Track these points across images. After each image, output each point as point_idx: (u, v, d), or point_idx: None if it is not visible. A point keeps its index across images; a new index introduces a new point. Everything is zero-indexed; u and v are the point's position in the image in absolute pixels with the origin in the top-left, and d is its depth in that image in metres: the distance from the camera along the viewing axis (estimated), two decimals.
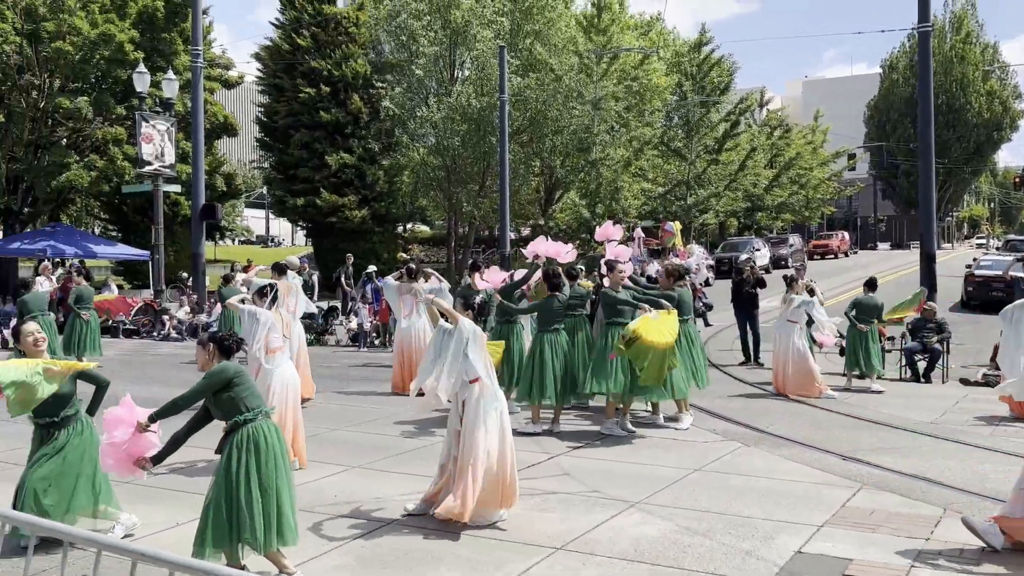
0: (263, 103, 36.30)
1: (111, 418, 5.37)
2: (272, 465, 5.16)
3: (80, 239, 25.68)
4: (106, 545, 2.92)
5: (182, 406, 5.30)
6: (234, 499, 5.06)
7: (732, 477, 7.64)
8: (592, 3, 40.95)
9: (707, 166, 43.68)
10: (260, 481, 5.09)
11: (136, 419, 5.35)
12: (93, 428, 5.98)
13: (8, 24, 22.74)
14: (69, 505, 5.82)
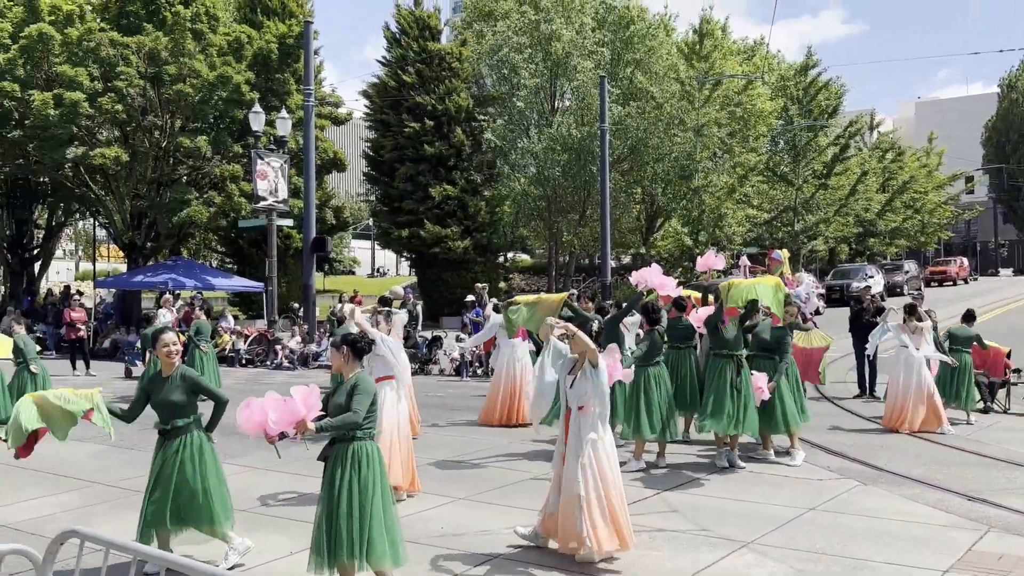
0: (370, 138, 37.35)
1: (291, 401, 5.27)
2: (370, 486, 5.27)
3: (199, 272, 26.85)
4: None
5: (356, 422, 5.32)
6: (334, 516, 5.21)
7: (848, 517, 7.35)
8: (694, 30, 40.69)
9: (815, 191, 42.57)
10: (360, 501, 5.22)
11: (301, 415, 5.22)
12: (208, 444, 6.11)
13: (133, 68, 24.13)
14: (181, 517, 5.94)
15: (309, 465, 9.44)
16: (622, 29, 35.02)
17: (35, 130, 23.51)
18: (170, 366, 6.16)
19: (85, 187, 26.17)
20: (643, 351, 9.53)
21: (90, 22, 24.52)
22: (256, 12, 32.42)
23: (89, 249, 48.90)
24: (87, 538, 3.40)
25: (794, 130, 42.15)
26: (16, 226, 32.38)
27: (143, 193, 25.87)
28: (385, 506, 5.36)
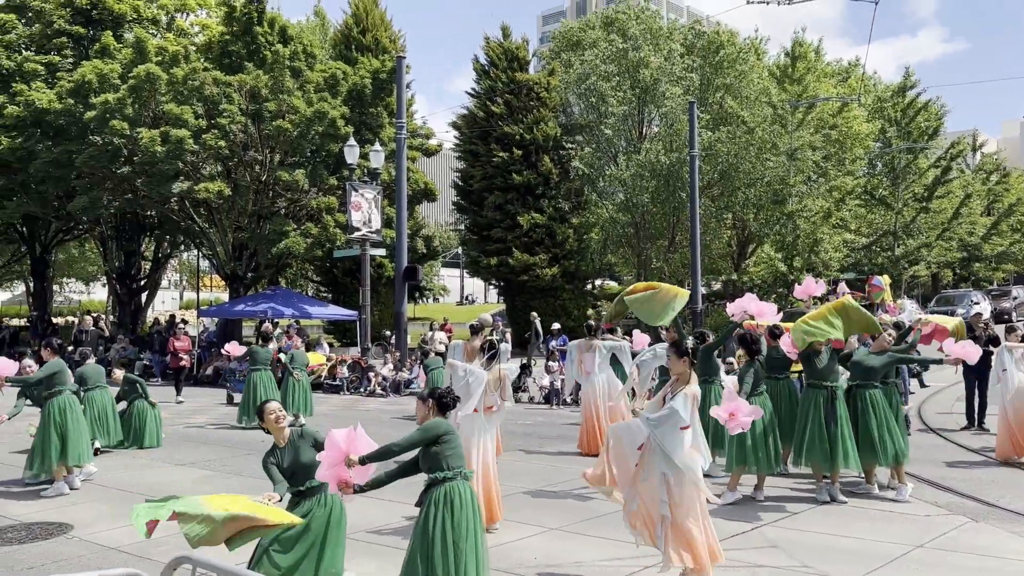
0: (459, 168, 37.92)
1: (332, 438, 5.51)
2: (464, 526, 5.30)
3: (296, 301, 27.61)
4: None
5: (395, 453, 5.50)
6: (429, 556, 5.25)
7: (959, 556, 7.03)
8: (785, 53, 40.09)
9: (916, 215, 41.24)
10: (453, 540, 5.25)
11: (349, 451, 5.47)
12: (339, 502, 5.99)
13: (235, 105, 25.14)
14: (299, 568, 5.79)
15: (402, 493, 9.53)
16: (712, 54, 34.77)
17: (143, 166, 24.65)
18: (281, 431, 6.08)
19: (190, 220, 27.27)
20: (750, 382, 9.32)
21: (194, 62, 25.68)
22: (351, 49, 33.46)
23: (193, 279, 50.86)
24: (199, 564, 3.52)
25: (892, 152, 40.97)
26: (125, 258, 33.93)
27: (244, 225, 26.80)
28: (479, 545, 5.39)
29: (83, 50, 29.12)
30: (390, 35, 36.06)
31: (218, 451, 12.67)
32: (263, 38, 26.16)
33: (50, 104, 25.43)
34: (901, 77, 43.84)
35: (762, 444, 9.06)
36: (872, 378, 9.33)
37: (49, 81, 27.38)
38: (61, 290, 60.66)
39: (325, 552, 5.85)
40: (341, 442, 5.46)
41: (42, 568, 7.00)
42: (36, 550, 7.50)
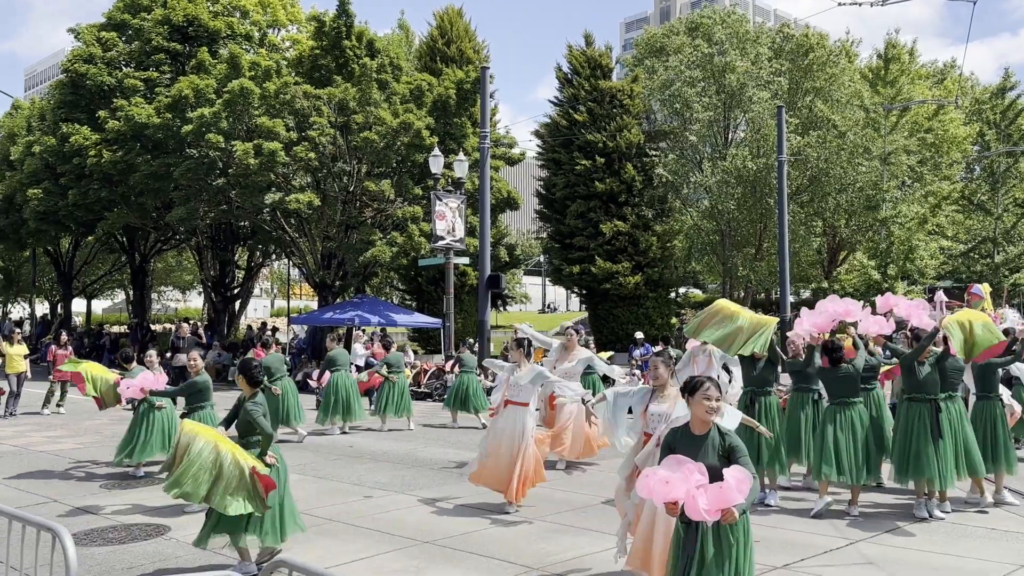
0: (542, 177, 37.97)
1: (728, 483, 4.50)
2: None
3: (382, 308, 28.06)
4: None
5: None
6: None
7: None
8: (878, 55, 38.98)
9: (1017, 220, 39.52)
10: None
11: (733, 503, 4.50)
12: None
13: (324, 118, 25.72)
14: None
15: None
16: (800, 57, 34.04)
17: (237, 178, 25.41)
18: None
19: (281, 230, 28.00)
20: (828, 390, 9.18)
21: (285, 76, 26.38)
22: (435, 60, 33.92)
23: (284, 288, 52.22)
24: (295, 568, 3.60)
25: (991, 156, 39.38)
26: (220, 267, 35.03)
27: (332, 235, 27.38)
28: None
29: (180, 66, 30.22)
30: (474, 45, 36.43)
31: (307, 456, 12.94)
32: (351, 52, 26.71)
33: (149, 119, 26.43)
34: (1000, 78, 42.07)
35: (847, 456, 8.78)
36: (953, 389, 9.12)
37: (148, 96, 28.49)
38: (159, 298, 62.96)
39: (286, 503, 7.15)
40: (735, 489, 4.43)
41: (141, 568, 7.25)
42: (137, 550, 7.78)
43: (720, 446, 4.85)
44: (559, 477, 11.14)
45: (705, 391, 4.96)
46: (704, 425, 4.95)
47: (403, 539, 7.98)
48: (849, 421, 8.90)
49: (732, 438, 4.90)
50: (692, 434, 4.98)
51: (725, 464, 4.73)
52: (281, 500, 7.07)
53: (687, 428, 5.04)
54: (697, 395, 4.97)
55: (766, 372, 9.67)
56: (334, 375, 15.30)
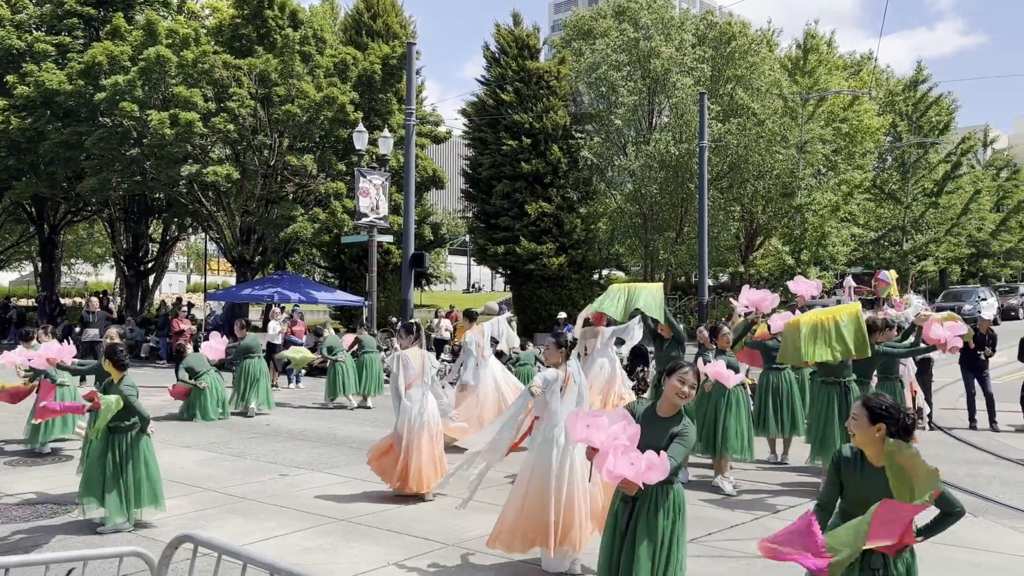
0: (468, 156, 37.88)
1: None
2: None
3: (303, 285, 27.67)
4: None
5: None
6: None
7: (956, 550, 7.05)
8: (797, 45, 39.91)
9: (925, 210, 41.13)
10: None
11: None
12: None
13: (244, 89, 25.14)
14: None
15: None
16: (723, 45, 34.64)
17: (152, 148, 24.70)
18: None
19: (198, 203, 27.33)
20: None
21: (204, 45, 25.68)
22: (361, 34, 33.39)
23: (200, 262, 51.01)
24: (200, 543, 3.56)
25: (903, 147, 40.82)
26: (133, 240, 34.04)
27: (252, 209, 26.85)
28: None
29: (94, 31, 29.14)
30: (401, 20, 35.99)
31: (221, 434, 12.75)
32: (273, 22, 26.13)
33: (60, 85, 25.46)
34: (914, 71, 43.62)
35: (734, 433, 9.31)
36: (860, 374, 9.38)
37: (59, 62, 27.41)
38: (69, 271, 60.88)
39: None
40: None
41: (47, 546, 7.07)
42: (42, 528, 7.58)
43: (676, 432, 4.88)
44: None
45: (682, 374, 4.92)
46: (672, 408, 4.96)
47: (318, 517, 7.95)
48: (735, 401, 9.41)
49: (689, 428, 4.93)
50: (657, 415, 4.97)
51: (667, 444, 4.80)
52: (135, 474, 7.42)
53: (654, 408, 5.01)
54: (673, 377, 4.95)
55: (672, 350, 9.86)
56: (246, 362, 15.02)
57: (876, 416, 4.09)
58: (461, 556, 6.81)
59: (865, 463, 4.17)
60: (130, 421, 7.43)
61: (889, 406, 4.13)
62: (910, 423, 4.15)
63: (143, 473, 7.48)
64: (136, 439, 7.49)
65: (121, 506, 7.34)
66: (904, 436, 4.09)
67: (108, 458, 7.38)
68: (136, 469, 7.44)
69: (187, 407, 13.98)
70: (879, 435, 4.09)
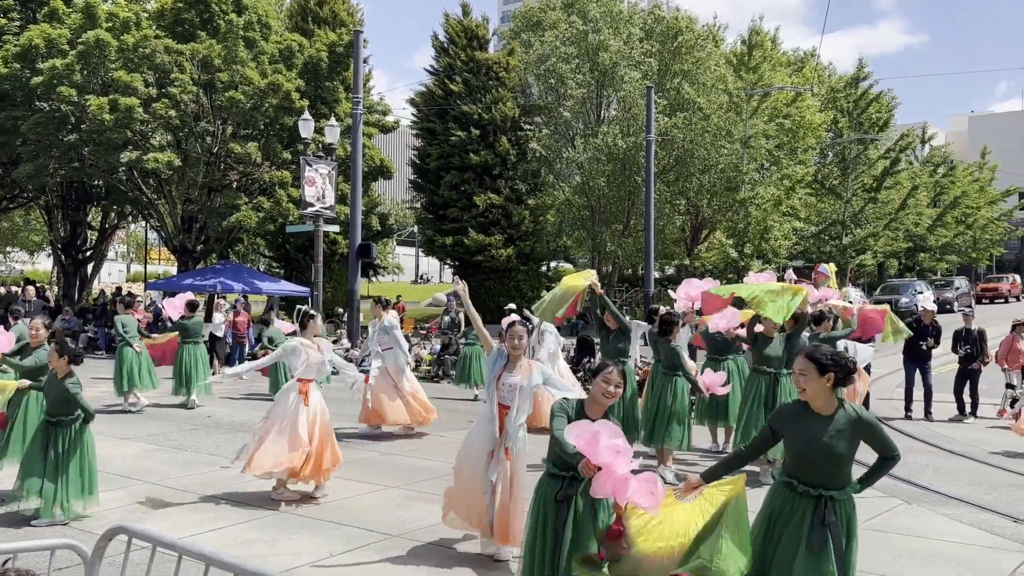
0: (416, 146, 37.68)
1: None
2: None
3: (247, 275, 27.28)
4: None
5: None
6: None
7: (892, 537, 7.24)
8: (742, 41, 40.42)
9: (864, 205, 42.02)
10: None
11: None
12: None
13: (187, 75, 24.66)
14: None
15: (351, 470, 9.55)
16: (670, 40, 34.92)
17: (91, 134, 24.10)
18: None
19: (138, 191, 26.76)
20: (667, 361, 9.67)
21: (145, 29, 25.12)
22: (307, 21, 32.96)
23: (141, 251, 49.98)
24: (134, 535, 3.49)
25: (843, 143, 41.64)
26: (71, 228, 33.18)
27: (194, 197, 26.38)
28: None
29: (30, 13, 28.30)
30: (348, 8, 35.62)
31: (161, 425, 12.52)
32: (217, 6, 25.66)
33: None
34: (855, 68, 44.51)
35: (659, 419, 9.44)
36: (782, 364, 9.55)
37: None
38: (5, 259, 59.22)
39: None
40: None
41: None
42: None
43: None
44: (421, 446, 11.19)
45: (607, 374, 4.91)
46: (600, 409, 4.96)
47: (259, 509, 7.85)
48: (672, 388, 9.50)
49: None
50: (588, 416, 4.90)
51: None
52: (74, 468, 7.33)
53: (583, 408, 4.96)
54: (599, 378, 4.92)
55: (617, 341, 9.92)
56: (186, 348, 14.64)
57: (824, 367, 4.25)
58: (404, 547, 6.78)
59: (811, 414, 4.31)
60: (72, 415, 7.33)
61: (832, 354, 4.31)
62: (852, 367, 4.35)
63: (82, 467, 7.37)
64: (79, 432, 7.40)
65: (57, 499, 7.22)
66: (847, 381, 4.30)
67: (50, 452, 7.27)
68: (76, 463, 7.33)
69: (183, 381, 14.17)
70: (828, 384, 4.25)
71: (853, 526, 4.34)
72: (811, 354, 4.33)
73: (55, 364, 7.37)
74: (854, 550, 4.33)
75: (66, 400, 7.26)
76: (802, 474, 4.29)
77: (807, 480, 4.27)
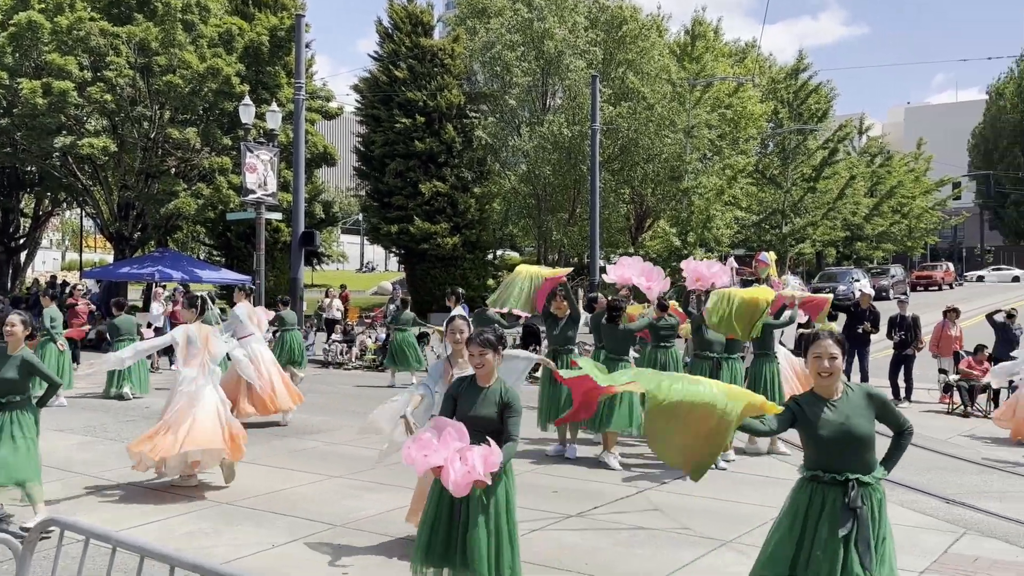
0: (361, 133, 37.29)
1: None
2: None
3: (186, 264, 26.77)
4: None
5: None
6: None
7: None
8: (686, 31, 40.80)
9: (804, 194, 42.80)
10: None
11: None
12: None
13: (123, 58, 24.04)
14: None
15: (296, 460, 9.49)
16: (614, 29, 35.08)
17: (23, 118, 23.39)
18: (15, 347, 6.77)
19: (73, 177, 26.06)
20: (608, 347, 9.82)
21: (80, 11, 24.40)
22: (247, 4, 32.32)
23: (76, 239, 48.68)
24: (67, 527, 3.41)
25: (783, 133, 42.34)
26: (3, 215, 32.22)
27: (131, 184, 25.79)
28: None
29: None
30: None
31: (99, 417, 12.25)
32: None
33: None
34: (795, 59, 45.25)
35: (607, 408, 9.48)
36: (735, 350, 9.81)
37: None
38: None
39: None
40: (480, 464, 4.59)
41: None
42: None
43: (499, 400, 4.98)
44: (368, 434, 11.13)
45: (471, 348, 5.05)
46: (487, 378, 5.05)
47: (201, 501, 7.74)
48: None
49: (511, 395, 5.03)
50: (477, 385, 5.08)
51: (499, 416, 4.94)
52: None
53: (473, 379, 5.12)
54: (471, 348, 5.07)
55: (567, 329, 9.98)
56: (118, 345, 14.36)
57: (842, 346, 4.31)
58: (347, 536, 6.74)
59: (821, 400, 4.29)
60: (17, 397, 6.82)
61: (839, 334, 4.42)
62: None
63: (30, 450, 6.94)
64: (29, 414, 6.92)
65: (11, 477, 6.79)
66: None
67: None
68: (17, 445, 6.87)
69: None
70: (841, 365, 4.33)
71: (884, 515, 4.24)
72: (838, 338, 4.35)
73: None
74: (889, 542, 4.20)
75: (12, 381, 6.76)
76: (827, 462, 4.20)
77: (833, 467, 4.17)
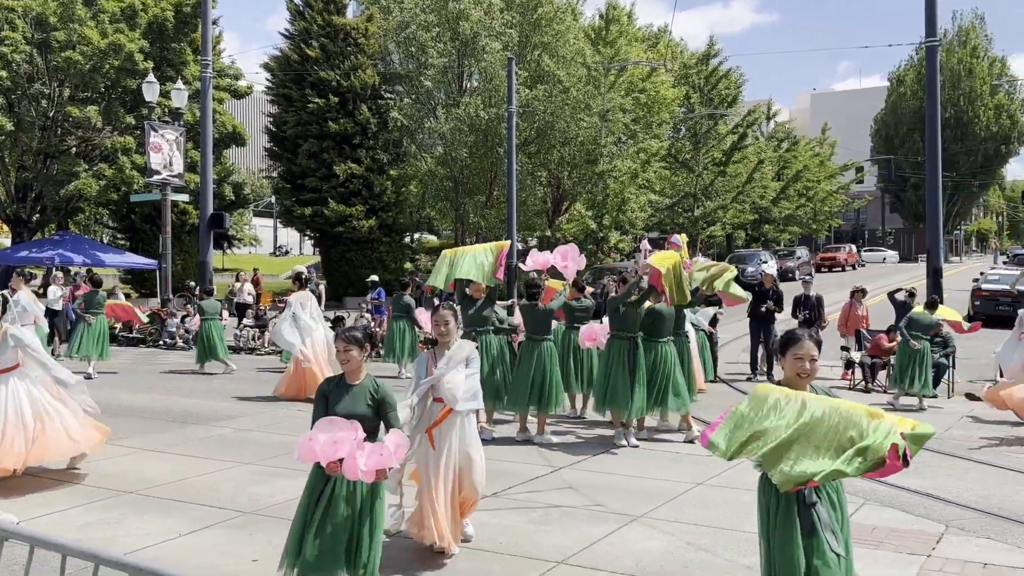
0: (272, 113, 36.46)
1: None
2: None
3: (88, 247, 25.79)
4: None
5: None
6: None
7: (736, 492, 7.61)
8: (600, 16, 41.08)
9: (714, 178, 43.73)
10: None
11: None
12: None
13: (18, 33, 22.96)
14: None
15: (204, 448, 9.27)
16: (530, 11, 35.06)
17: None
18: None
19: None
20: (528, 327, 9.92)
21: None
22: None
23: None
24: (10, 535, 3.22)
25: (695, 118, 43.13)
26: None
27: (28, 164, 24.72)
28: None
29: None
30: None
31: None
32: None
33: None
34: (706, 46, 46.10)
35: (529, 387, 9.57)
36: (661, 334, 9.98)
37: None
38: None
39: None
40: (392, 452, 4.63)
41: None
42: None
43: (371, 396, 4.91)
44: (276, 421, 10.94)
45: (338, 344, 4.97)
46: (355, 375, 4.97)
47: (105, 490, 7.49)
48: (539, 355, 9.61)
49: (383, 391, 4.96)
50: (347, 383, 4.96)
51: (374, 414, 4.88)
52: None
53: (343, 377, 4.99)
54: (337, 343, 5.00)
55: (483, 309, 9.97)
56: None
57: (819, 347, 4.36)
58: (255, 523, 6.62)
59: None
60: None
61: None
62: None
63: None
64: None
65: None
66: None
67: None
68: None
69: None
70: None
71: (843, 500, 4.33)
72: (818, 340, 4.36)
73: None
74: (847, 525, 4.35)
75: None
76: None
77: None
